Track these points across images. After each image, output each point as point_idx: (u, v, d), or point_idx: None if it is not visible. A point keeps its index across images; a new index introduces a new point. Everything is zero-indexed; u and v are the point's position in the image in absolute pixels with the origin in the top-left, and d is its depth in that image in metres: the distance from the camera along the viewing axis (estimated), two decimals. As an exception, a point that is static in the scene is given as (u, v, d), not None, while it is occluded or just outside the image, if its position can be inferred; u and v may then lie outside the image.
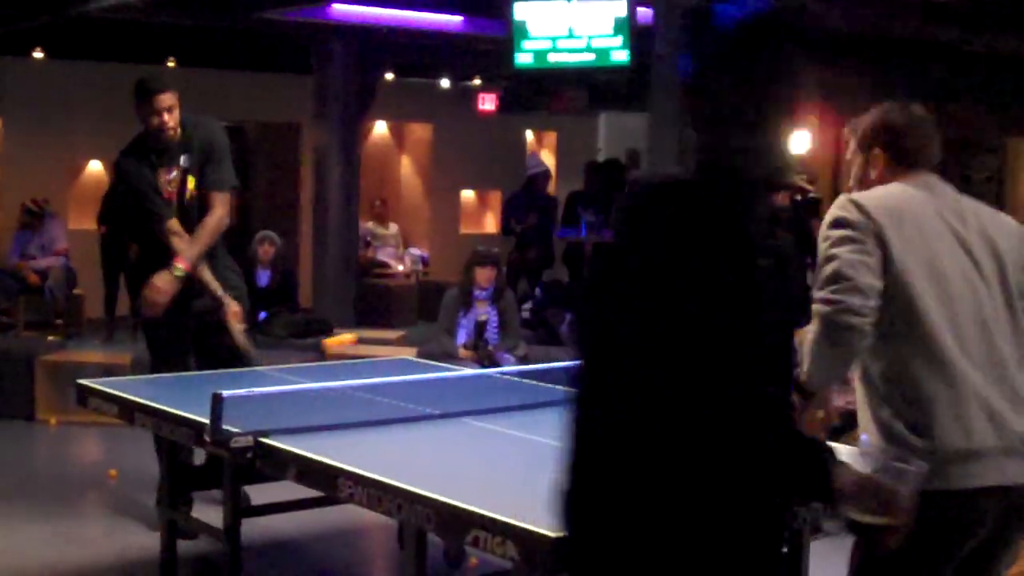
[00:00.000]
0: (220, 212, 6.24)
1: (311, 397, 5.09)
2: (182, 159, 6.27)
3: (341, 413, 4.89)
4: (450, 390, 5.50)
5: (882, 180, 3.21)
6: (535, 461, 4.05)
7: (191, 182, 6.25)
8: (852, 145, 3.32)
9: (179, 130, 6.24)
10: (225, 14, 10.82)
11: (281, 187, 14.92)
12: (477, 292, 8.24)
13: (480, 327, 8.22)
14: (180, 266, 6.10)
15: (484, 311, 8.25)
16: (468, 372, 6.20)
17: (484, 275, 8.21)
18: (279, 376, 5.83)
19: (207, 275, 6.26)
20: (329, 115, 11.93)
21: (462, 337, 8.19)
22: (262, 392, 4.79)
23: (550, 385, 5.63)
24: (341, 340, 10.21)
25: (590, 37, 9.46)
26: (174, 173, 6.26)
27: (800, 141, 2.34)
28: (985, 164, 13.91)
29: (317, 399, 5.07)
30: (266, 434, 4.37)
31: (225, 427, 4.39)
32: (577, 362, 2.26)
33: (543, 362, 6.89)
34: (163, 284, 6.11)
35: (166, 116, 6.13)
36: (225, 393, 4.42)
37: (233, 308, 6.25)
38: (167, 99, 6.18)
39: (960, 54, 10.78)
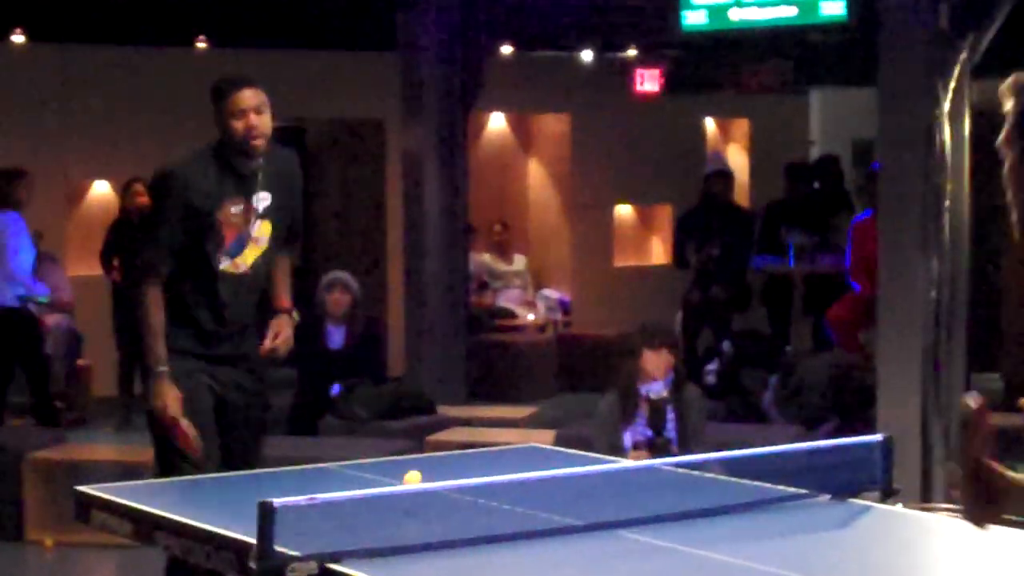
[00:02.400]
0: (291, 259, 6.59)
1: (401, 505, 5.04)
2: (259, 197, 6.34)
3: (445, 527, 4.83)
4: (601, 490, 5.42)
5: None
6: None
7: (265, 228, 6.32)
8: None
9: (267, 146, 6.33)
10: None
11: (358, 210, 15.06)
12: (645, 387, 8.06)
13: (656, 423, 8.08)
14: (290, 307, 6.52)
15: (656, 413, 8.09)
16: (626, 464, 6.11)
17: (656, 362, 8.05)
18: (356, 475, 5.81)
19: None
20: (423, 108, 12.00)
21: (629, 441, 8.09)
22: (331, 499, 4.74)
23: (746, 481, 5.52)
24: (448, 435, 10.18)
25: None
26: (240, 207, 6.32)
27: None
28: None
29: (411, 507, 5.02)
30: (337, 558, 4.33)
31: (279, 549, 4.35)
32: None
33: (734, 446, 6.78)
34: (288, 333, 6.43)
35: (253, 117, 6.21)
36: (278, 502, 4.38)
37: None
38: (252, 97, 6.25)
39: None
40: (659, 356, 8.02)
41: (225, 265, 6.32)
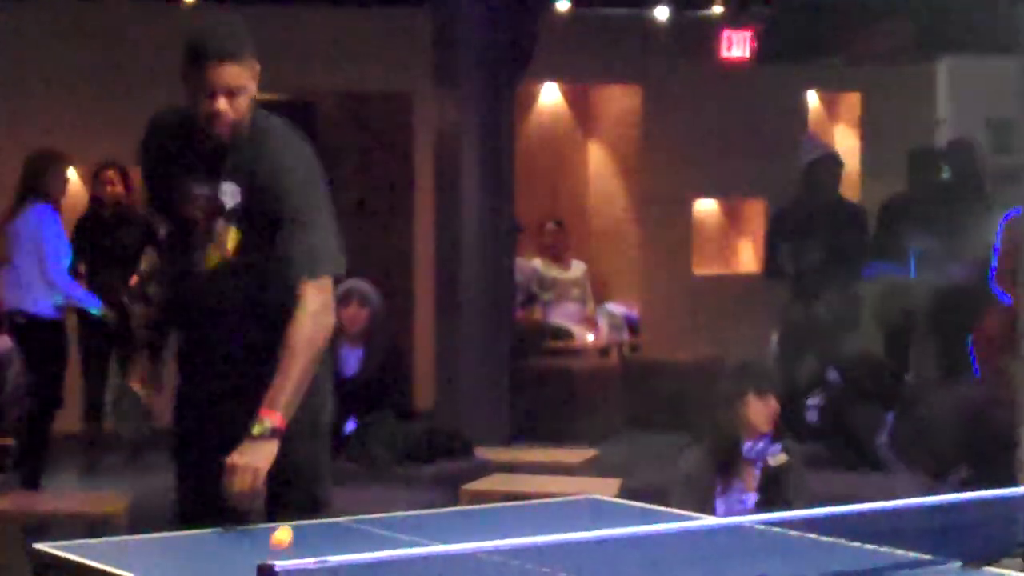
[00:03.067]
0: (312, 319, 6.25)
1: (431, 569, 5.07)
2: (226, 186, 6.34)
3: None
4: (677, 554, 5.44)
5: None
6: None
7: (231, 236, 6.31)
8: None
9: (242, 132, 6.32)
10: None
11: (379, 203, 15.11)
12: (750, 446, 7.99)
13: (772, 494, 8.00)
14: (270, 422, 6.11)
15: (754, 476, 8.01)
16: (707, 523, 6.13)
17: (765, 412, 7.99)
18: (374, 532, 5.85)
19: None
20: (459, 78, 12.04)
21: (723, 513, 8.02)
22: (345, 562, 4.78)
23: (856, 544, 5.54)
24: (488, 483, 10.20)
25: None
26: (205, 190, 6.34)
27: None
28: None
29: (443, 571, 5.05)
30: (350, 635, 4.36)
31: (280, 623, 4.39)
32: None
33: (842, 500, 6.77)
34: (249, 462, 6.10)
35: (222, 104, 6.19)
36: (279, 565, 4.43)
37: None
38: (229, 74, 6.24)
39: None
40: (767, 404, 7.98)
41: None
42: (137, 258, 10.04)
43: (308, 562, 4.62)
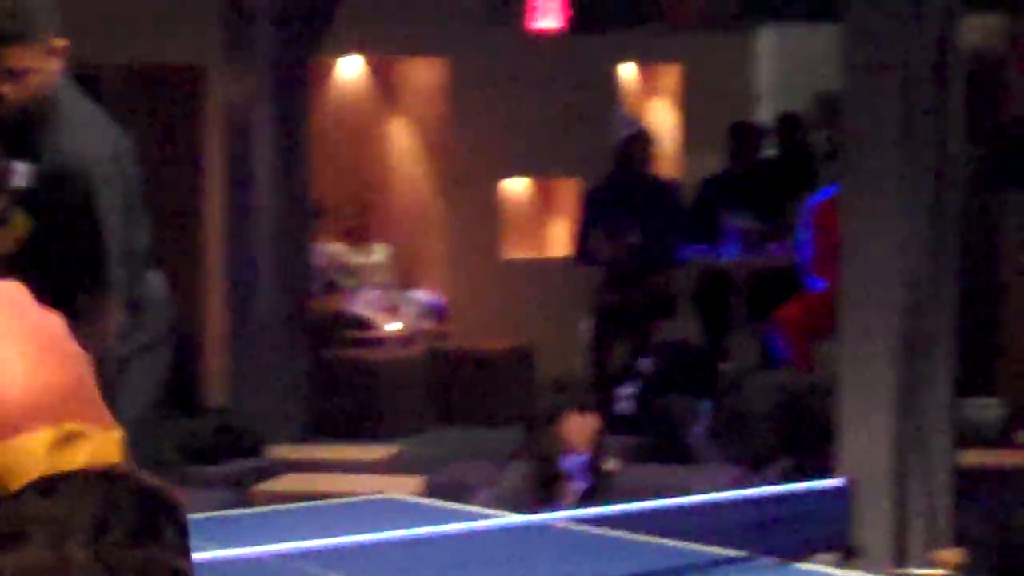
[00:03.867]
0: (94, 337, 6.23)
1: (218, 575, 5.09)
2: (19, 166, 6.31)
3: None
4: (484, 554, 5.50)
5: None
6: None
7: (18, 222, 6.28)
8: None
9: (35, 113, 6.30)
10: None
11: (167, 181, 15.03)
12: (569, 462, 7.98)
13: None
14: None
15: (572, 491, 8.03)
16: (510, 521, 6.20)
17: (584, 430, 8.04)
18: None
19: None
20: (252, 49, 12.01)
21: None
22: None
23: (668, 542, 5.61)
24: (282, 484, 10.20)
25: None
26: None
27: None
28: None
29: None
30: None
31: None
32: None
33: (655, 495, 6.86)
34: None
35: (6, 87, 6.18)
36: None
37: None
38: (11, 56, 6.21)
39: None
40: (586, 422, 8.04)
41: None
42: None
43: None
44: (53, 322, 1.42)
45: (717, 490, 8.30)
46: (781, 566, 5.58)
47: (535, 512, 7.91)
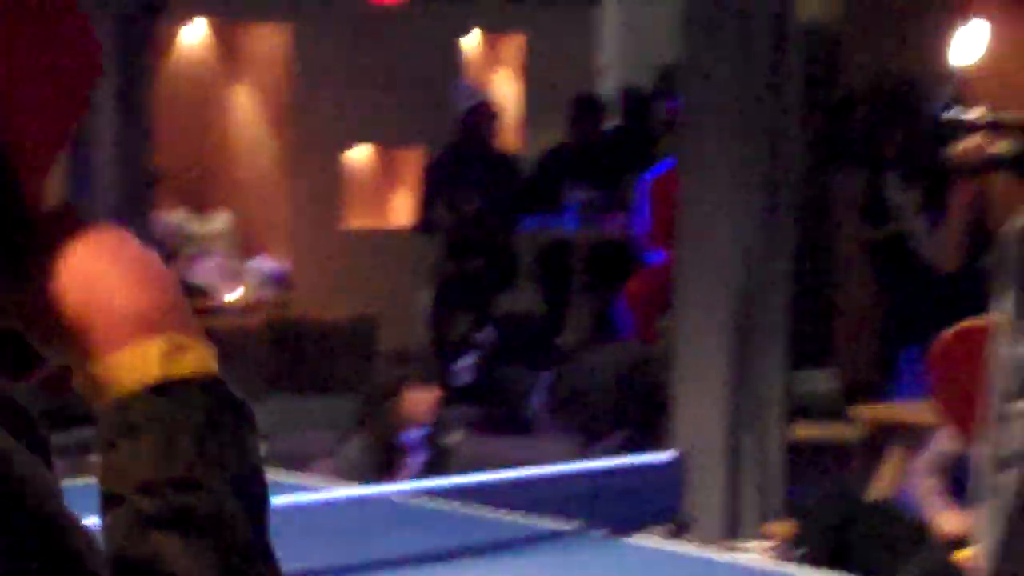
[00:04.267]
0: None
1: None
2: None
3: None
4: (318, 523, 5.51)
5: None
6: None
7: None
8: None
9: None
10: None
11: None
12: (410, 435, 7.94)
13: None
14: None
15: (412, 464, 7.99)
16: (348, 493, 6.23)
17: (423, 404, 7.97)
18: None
19: None
20: (89, 11, 11.93)
21: None
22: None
23: (502, 515, 5.64)
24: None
25: None
26: None
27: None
28: None
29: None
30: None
31: None
32: None
33: (492, 466, 6.90)
34: None
35: None
36: None
37: None
38: None
39: None
40: (427, 395, 8.03)
41: None
42: None
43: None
44: (152, 253, 1.55)
45: (554, 462, 8.37)
46: (612, 538, 5.63)
47: (374, 484, 7.95)
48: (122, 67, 11.98)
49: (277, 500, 5.59)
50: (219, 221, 14.44)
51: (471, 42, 16.81)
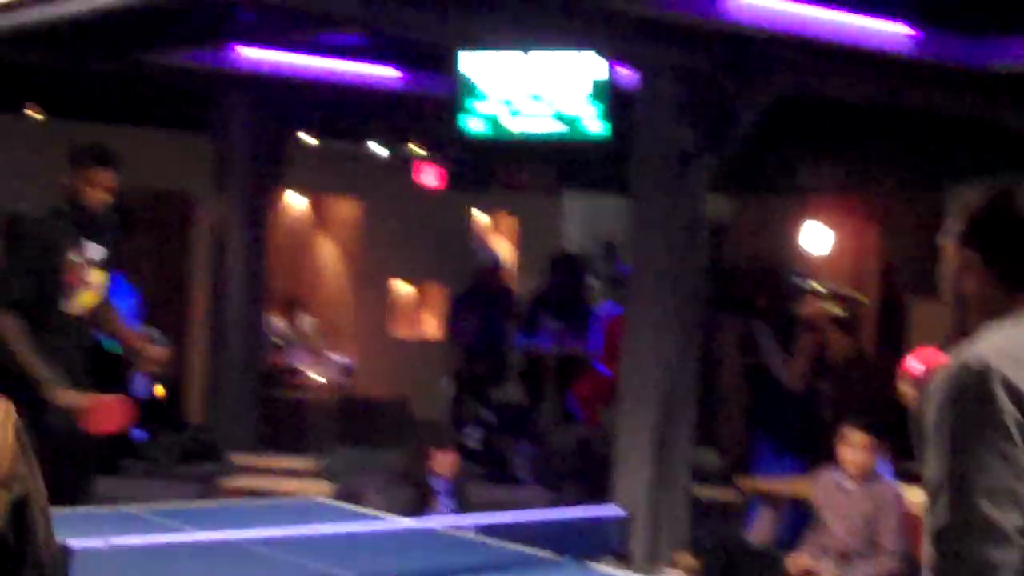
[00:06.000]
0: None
1: (189, 551, 4.89)
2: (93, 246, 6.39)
3: (224, 573, 4.69)
4: (371, 546, 5.34)
5: (983, 305, 2.76)
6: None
7: (97, 277, 6.37)
8: (948, 243, 2.78)
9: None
10: (101, 54, 10.69)
11: (167, 271, 14.74)
12: (437, 485, 7.77)
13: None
14: None
15: (445, 505, 7.78)
16: (392, 524, 6.03)
17: (445, 463, 7.71)
18: (154, 519, 5.62)
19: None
20: (229, 184, 11.82)
21: None
22: (125, 546, 4.56)
23: (500, 543, 5.46)
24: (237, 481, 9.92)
25: (556, 102, 9.31)
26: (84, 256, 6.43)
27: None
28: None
29: (195, 553, 4.87)
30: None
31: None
32: None
33: (490, 507, 6.73)
34: None
35: (103, 194, 6.40)
36: (78, 544, 4.20)
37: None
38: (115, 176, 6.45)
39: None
40: (447, 456, 7.78)
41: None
42: None
43: (98, 543, 4.42)
44: None
45: (533, 506, 8.21)
46: (580, 564, 5.45)
47: (413, 517, 7.76)
48: (249, 222, 11.89)
49: (340, 527, 5.37)
50: (308, 324, 14.29)
51: (482, 217, 16.77)
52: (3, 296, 6.22)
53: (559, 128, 9.29)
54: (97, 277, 6.44)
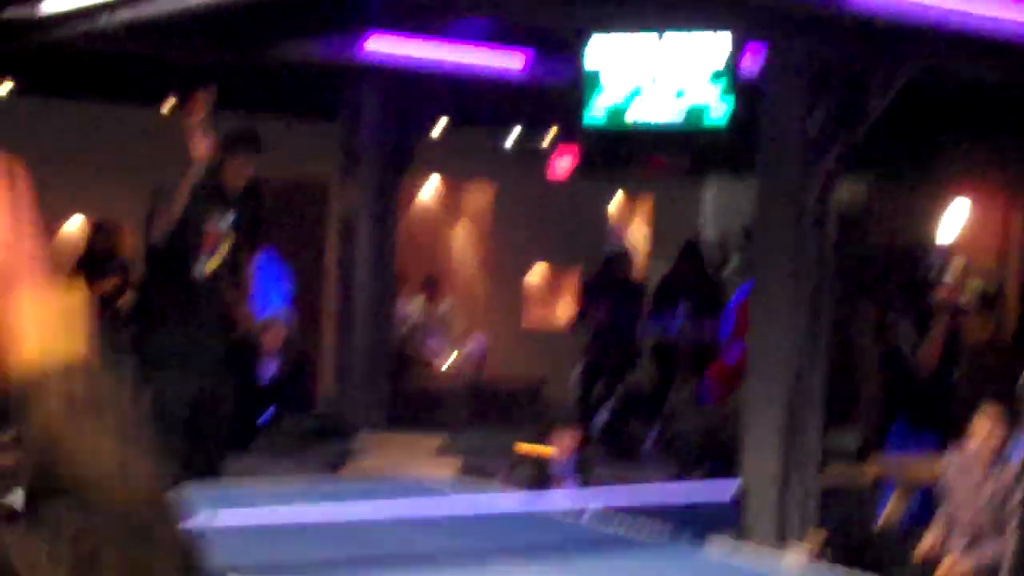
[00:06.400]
0: None
1: (310, 530, 4.96)
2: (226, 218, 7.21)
3: (346, 550, 4.77)
4: (496, 522, 5.40)
5: None
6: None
7: (226, 246, 7.13)
8: None
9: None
10: (236, 48, 10.87)
11: (302, 257, 14.97)
12: (558, 466, 7.79)
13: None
14: None
15: (564, 484, 7.79)
16: (517, 504, 6.08)
17: (564, 444, 7.74)
18: (278, 497, 5.71)
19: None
20: (358, 172, 11.95)
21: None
22: (236, 525, 4.64)
23: (621, 520, 5.48)
24: (367, 460, 10.04)
25: (679, 92, 9.24)
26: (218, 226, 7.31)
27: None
28: None
29: (318, 532, 4.94)
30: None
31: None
32: None
33: (621, 483, 6.74)
34: None
35: (241, 178, 7.29)
36: (208, 520, 4.30)
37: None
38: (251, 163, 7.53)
39: None
40: (567, 438, 7.82)
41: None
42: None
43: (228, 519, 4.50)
44: None
45: (656, 484, 8.20)
46: (699, 542, 5.45)
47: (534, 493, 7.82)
48: (379, 208, 11.98)
49: (470, 501, 5.44)
50: (446, 305, 14.47)
51: (616, 200, 16.77)
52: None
53: (685, 115, 9.26)
54: (225, 248, 7.11)
